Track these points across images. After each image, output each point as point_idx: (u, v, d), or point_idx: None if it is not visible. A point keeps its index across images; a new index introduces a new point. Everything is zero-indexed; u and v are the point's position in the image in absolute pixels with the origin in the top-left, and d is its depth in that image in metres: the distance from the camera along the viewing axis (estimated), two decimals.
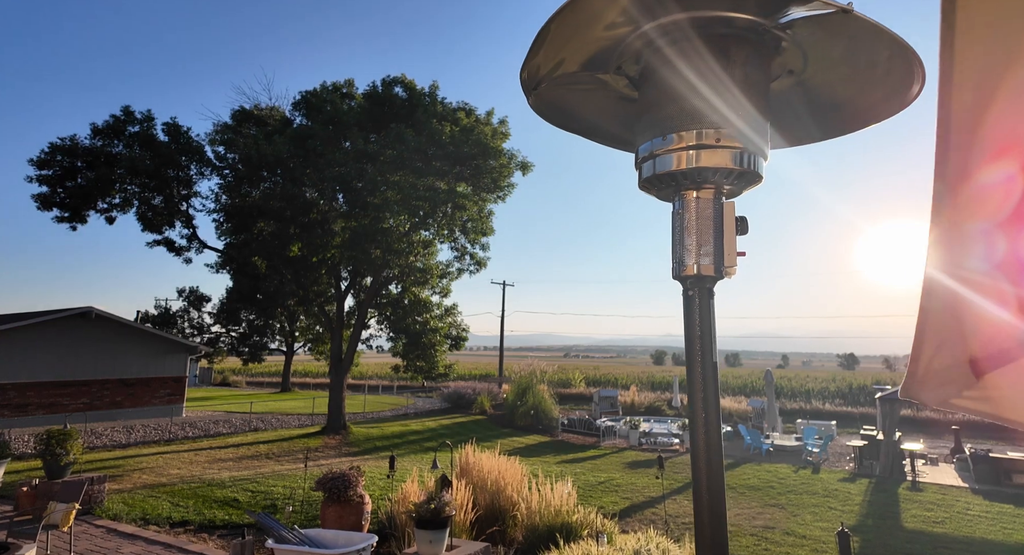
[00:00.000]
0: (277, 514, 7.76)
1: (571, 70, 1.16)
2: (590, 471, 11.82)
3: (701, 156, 1.02)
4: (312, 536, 5.52)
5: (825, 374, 44.85)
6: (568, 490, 6.99)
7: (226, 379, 38.65)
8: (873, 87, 1.03)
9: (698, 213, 1.06)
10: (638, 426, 16.19)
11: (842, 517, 8.39)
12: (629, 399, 24.70)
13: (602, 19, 0.99)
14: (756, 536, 7.66)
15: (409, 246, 16.14)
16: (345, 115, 16.02)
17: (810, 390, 28.55)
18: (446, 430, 18.01)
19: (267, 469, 11.40)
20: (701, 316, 0.98)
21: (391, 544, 6.37)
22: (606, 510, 8.11)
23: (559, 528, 6.39)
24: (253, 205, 15.12)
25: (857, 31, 0.88)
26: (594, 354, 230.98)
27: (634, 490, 10.16)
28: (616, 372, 41.95)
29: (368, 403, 25.31)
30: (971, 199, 0.71)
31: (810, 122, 1.22)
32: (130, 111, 15.66)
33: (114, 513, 7.85)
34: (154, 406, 18.83)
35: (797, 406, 23.95)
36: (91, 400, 17.42)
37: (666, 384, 31.02)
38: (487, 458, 7.68)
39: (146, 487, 9.59)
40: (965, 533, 8.04)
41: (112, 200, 15.70)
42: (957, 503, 9.65)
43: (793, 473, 11.88)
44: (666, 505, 8.96)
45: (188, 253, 17.23)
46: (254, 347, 28.32)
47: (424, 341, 17.10)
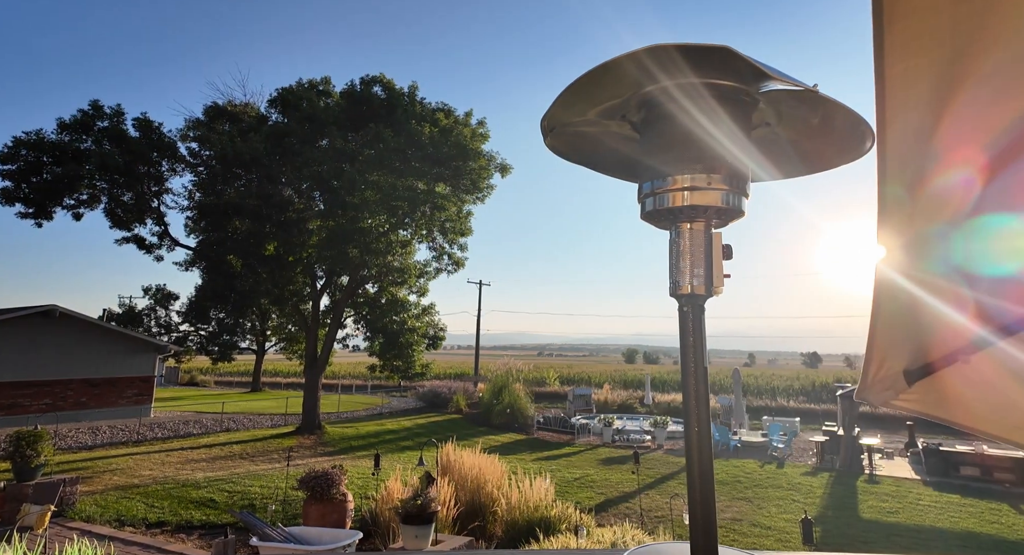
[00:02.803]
0: (258, 513, 7.77)
1: (584, 119, 1.36)
2: (566, 468, 12.10)
3: (695, 196, 1.23)
4: (296, 533, 5.60)
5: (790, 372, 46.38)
6: (546, 486, 7.22)
7: (194, 379, 37.72)
8: (832, 142, 1.26)
9: (691, 241, 1.27)
10: (612, 423, 16.56)
11: (805, 509, 8.85)
12: (602, 397, 25.15)
13: (616, 83, 1.20)
14: (725, 528, 8.03)
15: (387, 246, 16.14)
16: (323, 113, 15.92)
17: (776, 388, 29.51)
18: (422, 429, 18.07)
19: (242, 469, 11.31)
20: (694, 329, 1.19)
21: (375, 541, 6.48)
22: (583, 505, 8.38)
23: (538, 522, 6.60)
24: (228, 203, 14.90)
25: (820, 103, 1.10)
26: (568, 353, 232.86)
27: (609, 485, 10.47)
28: (589, 370, 42.52)
29: (342, 403, 25.13)
30: (927, 205, 0.86)
31: (781, 164, 1.45)
32: (99, 106, 15.23)
33: (87, 515, 7.74)
34: (121, 407, 18.35)
35: (763, 403, 24.78)
36: (54, 401, 16.88)
37: (638, 382, 31.64)
38: (468, 456, 7.85)
39: (118, 489, 9.44)
40: (916, 522, 8.58)
41: (79, 196, 15.24)
42: (910, 494, 10.26)
43: (759, 468, 12.39)
44: (640, 500, 9.28)
45: (159, 251, 16.89)
46: (224, 346, 27.73)
47: (401, 340, 17.12)
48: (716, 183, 1.23)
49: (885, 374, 1.00)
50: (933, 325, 0.98)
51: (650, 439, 15.89)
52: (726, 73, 1.17)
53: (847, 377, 32.54)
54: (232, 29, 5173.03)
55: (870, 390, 1.03)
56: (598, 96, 1.28)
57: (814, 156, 1.37)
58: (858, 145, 1.23)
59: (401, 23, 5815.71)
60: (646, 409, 23.30)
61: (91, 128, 15.06)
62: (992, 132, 0.79)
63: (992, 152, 0.81)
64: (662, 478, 11.32)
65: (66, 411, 16.93)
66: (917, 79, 0.67)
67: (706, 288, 1.24)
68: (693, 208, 1.24)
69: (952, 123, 0.77)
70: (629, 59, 1.14)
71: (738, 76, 1.17)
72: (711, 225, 1.29)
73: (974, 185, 0.88)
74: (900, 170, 0.80)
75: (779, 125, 1.32)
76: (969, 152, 0.84)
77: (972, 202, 0.90)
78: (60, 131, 14.83)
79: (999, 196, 0.87)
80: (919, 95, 0.69)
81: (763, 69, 1.04)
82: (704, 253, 1.26)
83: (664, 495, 9.70)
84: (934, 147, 0.82)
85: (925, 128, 0.77)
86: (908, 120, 0.75)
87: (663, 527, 7.64)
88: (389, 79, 16.64)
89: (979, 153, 0.83)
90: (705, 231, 1.28)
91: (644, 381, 27.02)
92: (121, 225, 16.18)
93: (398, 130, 15.22)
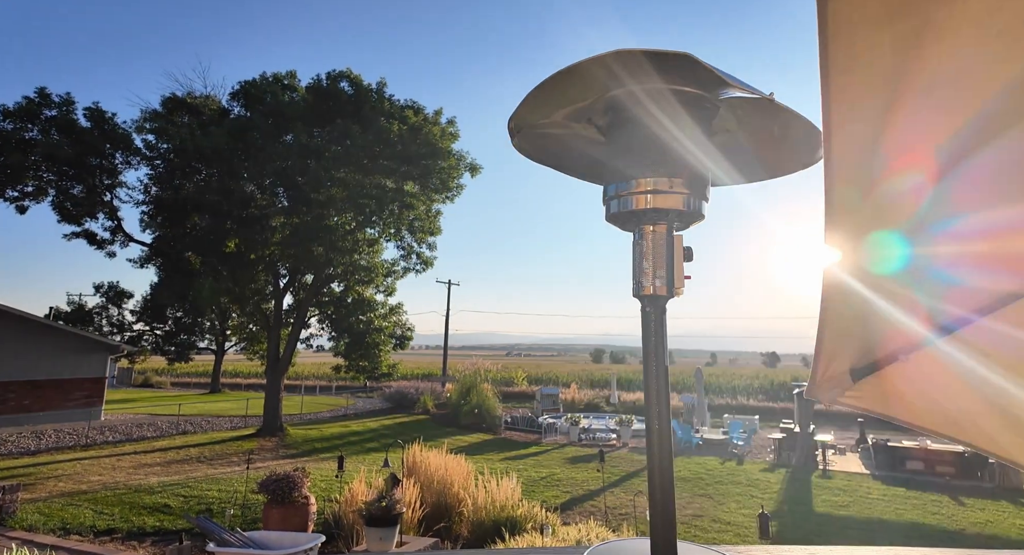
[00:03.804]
0: (216, 518, 7.52)
1: (550, 121, 1.38)
2: (533, 467, 12.16)
3: (657, 199, 1.26)
4: (256, 538, 5.46)
5: (750, 371, 47.79)
6: (512, 486, 7.23)
7: (148, 380, 36.24)
8: (787, 148, 1.31)
9: (654, 243, 1.30)
10: (578, 423, 16.73)
11: (763, 504, 9.14)
12: (570, 396, 25.38)
13: (582, 86, 1.21)
14: (686, 524, 8.22)
15: (354, 244, 15.88)
16: (287, 108, 15.54)
17: (736, 386, 30.37)
18: (388, 431, 17.85)
19: (199, 473, 10.94)
20: (656, 329, 1.22)
21: (338, 544, 6.37)
22: (549, 504, 8.43)
23: (504, 522, 6.61)
24: (187, 198, 14.38)
25: (776, 111, 1.15)
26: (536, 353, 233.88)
27: (575, 484, 10.57)
28: (557, 370, 42.84)
29: (306, 404, 24.57)
30: (873, 209, 0.90)
31: (740, 168, 1.49)
32: (46, 93, 14.46)
33: (29, 524, 7.35)
34: (68, 409, 17.47)
35: (724, 402, 25.47)
36: None
37: (604, 381, 32.06)
38: (434, 457, 7.80)
39: (64, 495, 8.99)
40: (866, 515, 8.97)
41: (24, 188, 14.44)
42: (860, 488, 10.72)
43: (720, 465, 12.73)
44: (605, 497, 9.41)
45: (112, 247, 16.15)
46: (181, 346, 26.87)
47: (368, 340, 16.88)
48: (678, 187, 1.26)
49: (832, 373, 1.05)
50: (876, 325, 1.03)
51: (615, 438, 16.12)
52: (688, 80, 1.20)
53: (804, 376, 33.71)
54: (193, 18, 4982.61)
55: (819, 388, 1.08)
56: (564, 98, 1.29)
57: (771, 162, 1.42)
58: (811, 152, 1.28)
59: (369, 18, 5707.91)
60: (612, 408, 23.63)
61: (38, 116, 14.28)
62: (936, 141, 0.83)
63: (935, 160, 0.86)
64: (627, 476, 11.50)
65: (7, 415, 16.02)
66: (861, 92, 0.70)
67: (668, 289, 1.27)
68: (656, 211, 1.27)
69: (898, 131, 0.81)
70: (595, 63, 1.16)
71: (699, 83, 1.21)
72: (673, 228, 1.32)
73: (919, 191, 0.92)
74: (847, 175, 0.83)
75: (738, 131, 1.37)
76: (914, 160, 0.88)
77: (916, 207, 0.95)
78: (3, 118, 14.02)
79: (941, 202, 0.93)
80: (863, 107, 0.73)
81: (722, 77, 1.07)
82: (666, 255, 1.29)
83: (629, 493, 9.86)
84: (880, 154, 0.85)
85: (871, 137, 0.81)
86: (854, 130, 0.78)
87: (627, 524, 7.76)
88: (357, 74, 16.37)
89: (923, 161, 0.88)
90: (667, 234, 1.31)
91: (610, 380, 27.40)
92: (70, 219, 15.41)
93: (366, 127, 14.99)
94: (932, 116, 0.80)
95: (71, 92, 14.73)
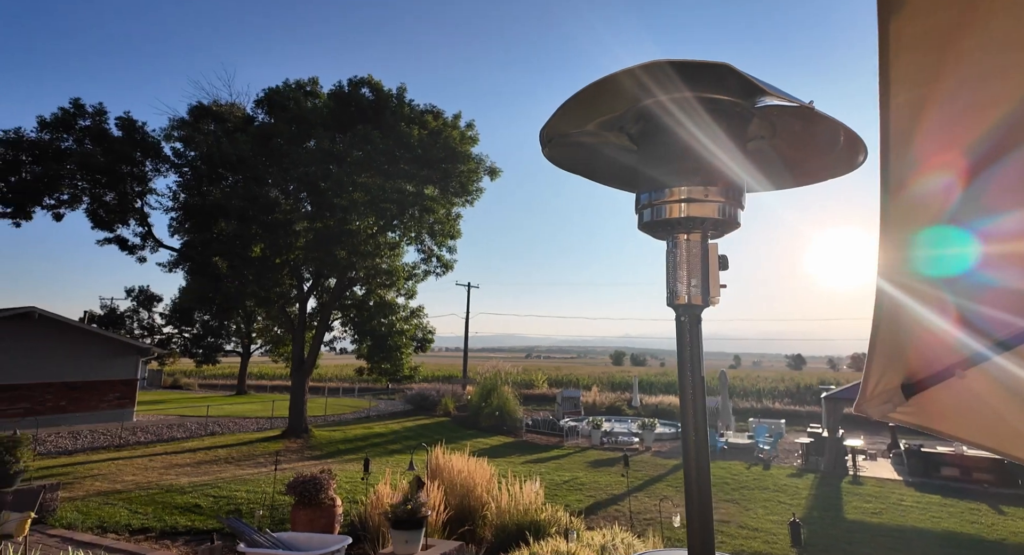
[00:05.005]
0: (244, 518, 7.67)
1: (582, 130, 1.38)
2: (555, 470, 12.11)
3: (692, 208, 1.25)
4: (285, 539, 5.54)
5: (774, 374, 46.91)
6: (536, 489, 7.22)
7: (177, 382, 37.15)
8: (825, 155, 1.29)
9: (688, 252, 1.29)
10: (600, 426, 16.62)
11: (791, 510, 8.96)
12: (591, 399, 25.24)
13: (615, 97, 1.21)
14: None
15: (375, 248, 16.05)
16: (310, 114, 15.80)
17: (761, 389, 29.84)
18: (411, 432, 17.98)
19: (228, 474, 11.16)
20: (691, 338, 1.21)
21: (364, 546, 6.43)
22: (572, 508, 8.39)
23: (528, 526, 6.60)
24: (214, 204, 14.71)
25: (815, 119, 1.13)
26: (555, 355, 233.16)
27: (598, 488, 10.50)
28: (578, 372, 42.64)
29: (329, 406, 24.92)
30: (911, 208, 0.87)
31: (776, 176, 1.47)
32: (80, 104, 14.96)
33: (68, 522, 7.59)
34: (102, 411, 18.00)
35: (749, 405, 25.03)
36: (32, 405, 16.52)
37: (626, 384, 31.79)
38: (457, 459, 7.82)
39: (100, 494, 9.26)
40: (899, 523, 8.72)
41: (60, 196, 14.95)
42: (892, 495, 10.43)
43: (746, 470, 12.52)
44: (629, 502, 9.33)
45: (142, 252, 16.61)
46: (208, 348, 27.48)
47: (389, 343, 17.02)
48: (713, 195, 1.25)
49: (883, 388, 1.03)
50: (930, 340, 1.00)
51: (638, 441, 15.97)
52: (722, 88, 1.19)
53: (831, 379, 33.00)
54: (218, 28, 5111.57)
55: (868, 404, 1.05)
56: (597, 109, 1.29)
57: (808, 169, 1.40)
58: (851, 159, 1.26)
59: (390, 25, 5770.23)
60: (634, 411, 23.42)
61: (72, 127, 14.78)
62: (999, 155, 0.80)
63: (997, 171, 0.84)
64: (651, 480, 11.38)
65: (45, 415, 16.58)
66: (921, 104, 0.69)
67: (703, 298, 1.26)
68: (690, 220, 1.26)
69: (936, 130, 0.78)
70: (628, 74, 1.16)
71: (734, 91, 1.20)
72: (707, 236, 1.31)
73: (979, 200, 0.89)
74: (904, 186, 0.81)
75: (774, 138, 1.35)
76: (974, 174, 0.86)
77: (976, 217, 0.92)
78: (40, 129, 14.54)
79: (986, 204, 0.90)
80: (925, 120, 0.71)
81: (760, 85, 1.06)
82: (700, 264, 1.28)
83: (653, 497, 9.76)
84: (939, 167, 0.83)
85: (915, 138, 0.78)
86: (908, 134, 0.76)
87: (652, 529, 7.68)
88: (377, 80, 16.57)
89: (983, 174, 0.85)
90: (701, 242, 1.29)
91: (632, 383, 27.16)
92: (103, 226, 15.90)
93: (386, 132, 15.15)
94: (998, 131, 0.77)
95: (103, 102, 15.21)
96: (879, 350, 0.95)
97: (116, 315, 25.37)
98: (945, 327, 0.95)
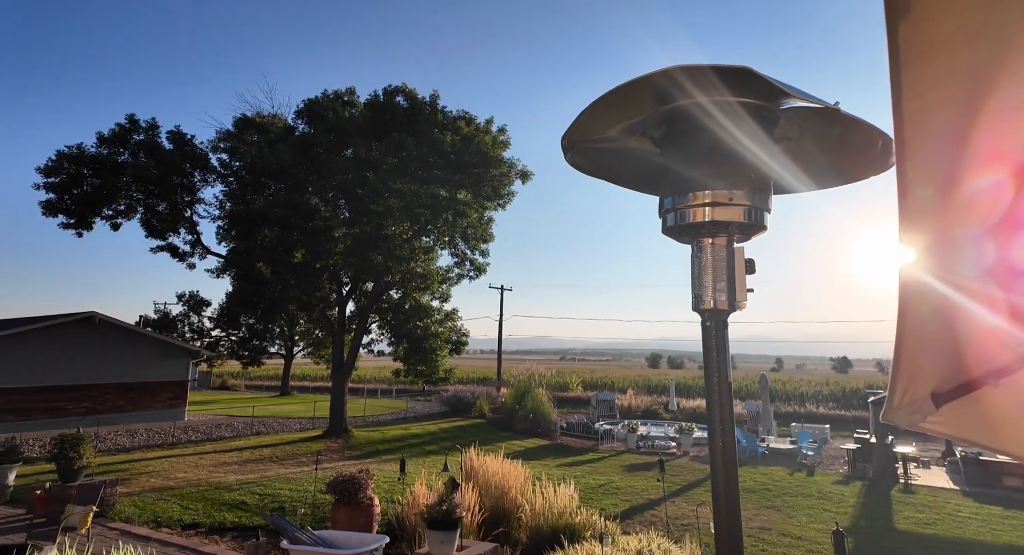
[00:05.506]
0: (287, 516, 7.93)
1: (603, 136, 1.39)
2: (590, 474, 12.02)
3: (716, 212, 1.24)
4: (325, 537, 5.70)
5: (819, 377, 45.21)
6: (570, 492, 7.19)
7: (225, 383, 38.69)
8: (856, 156, 1.26)
9: (713, 256, 1.28)
10: (636, 429, 16.40)
11: (836, 519, 8.62)
12: (626, 402, 24.92)
13: (637, 102, 1.22)
14: (753, 537, 7.88)
15: (410, 252, 16.35)
16: (347, 123, 16.24)
17: (804, 393, 28.83)
18: (446, 434, 18.18)
19: (272, 472, 11.55)
20: (717, 343, 1.21)
21: (401, 545, 6.55)
22: (607, 512, 8.31)
23: (563, 529, 6.58)
24: (257, 212, 15.30)
25: (842, 120, 1.12)
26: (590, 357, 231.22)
27: (634, 492, 10.37)
28: (612, 375, 42.18)
29: (368, 407, 25.45)
30: (962, 205, 0.85)
31: (805, 177, 1.45)
32: (135, 119, 15.82)
33: (127, 516, 8.01)
34: (156, 410, 18.93)
35: (791, 409, 24.21)
36: (93, 404, 17.51)
37: (662, 387, 31.25)
38: (491, 461, 7.87)
39: (154, 490, 9.73)
40: (955, 534, 8.28)
41: (117, 207, 15.84)
42: (948, 505, 9.91)
43: (788, 476, 12.12)
44: (666, 507, 9.17)
45: (192, 258, 17.40)
46: (254, 351, 28.47)
47: (425, 346, 17.28)
48: (738, 199, 1.24)
49: (912, 398, 1.00)
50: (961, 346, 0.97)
51: (675, 446, 15.68)
52: (746, 92, 1.19)
53: (879, 382, 31.58)
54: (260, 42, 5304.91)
55: (896, 413, 1.03)
56: (619, 115, 1.31)
57: (839, 169, 1.37)
58: (884, 159, 1.23)
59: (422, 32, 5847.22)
60: (671, 415, 23.00)
61: (128, 141, 15.65)
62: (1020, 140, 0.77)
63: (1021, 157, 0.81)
64: (688, 485, 11.16)
65: (104, 414, 17.54)
66: (934, 112, 0.68)
67: (729, 303, 1.25)
68: (715, 224, 1.26)
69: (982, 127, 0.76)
70: (649, 79, 1.17)
71: (758, 95, 1.19)
72: (733, 240, 1.30)
73: (1005, 189, 0.86)
74: (922, 177, 0.79)
75: (802, 140, 1.33)
76: (998, 160, 0.83)
77: (1003, 205, 0.88)
78: (99, 144, 15.45)
79: None
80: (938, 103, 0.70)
81: (783, 88, 1.06)
82: (726, 268, 1.27)
83: (691, 502, 9.57)
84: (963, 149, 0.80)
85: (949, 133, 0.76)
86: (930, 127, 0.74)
87: (689, 535, 7.53)
88: (411, 89, 16.90)
89: (1009, 160, 0.82)
90: (727, 246, 1.29)
91: (668, 386, 26.67)
92: (156, 234, 16.75)
93: (420, 138, 15.43)
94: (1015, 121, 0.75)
95: (156, 117, 16.04)
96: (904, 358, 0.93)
97: (168, 319, 26.63)
98: (975, 335, 0.92)
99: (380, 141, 15.98)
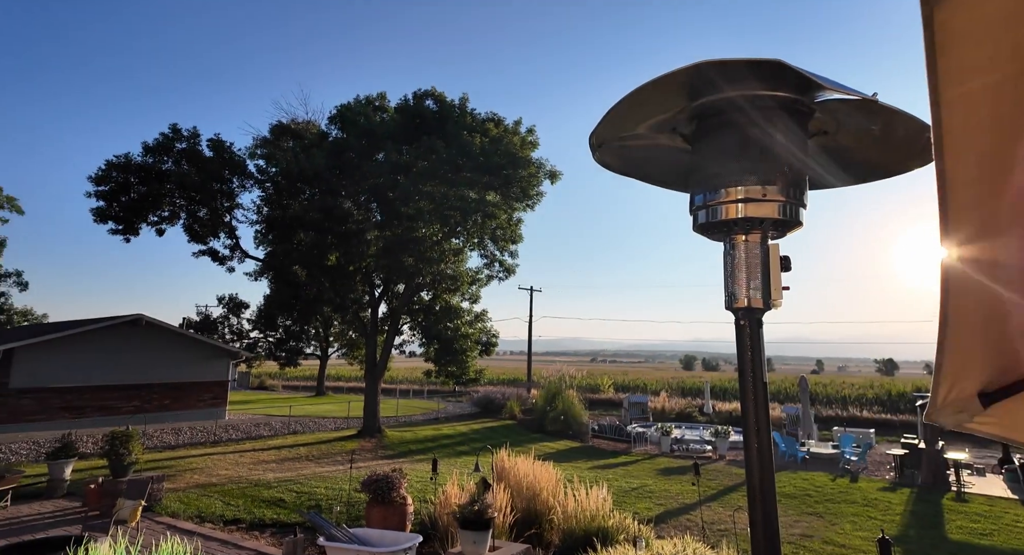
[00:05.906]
0: (323, 513, 8.10)
1: (633, 133, 1.38)
2: (622, 477, 11.88)
3: (749, 208, 1.21)
4: (360, 535, 5.80)
5: (862, 380, 43.53)
6: (603, 495, 7.11)
7: (263, 383, 39.84)
8: (895, 149, 1.21)
9: (747, 254, 1.25)
10: (670, 432, 16.13)
11: (883, 527, 8.28)
12: (659, 405, 24.52)
13: (666, 98, 1.21)
14: (794, 544, 7.64)
15: (440, 254, 16.51)
16: (378, 128, 16.52)
17: (846, 396, 27.82)
18: (477, 435, 18.26)
19: (308, 471, 11.83)
20: (752, 343, 1.18)
21: (434, 544, 6.61)
22: (641, 516, 8.19)
23: (595, 532, 6.52)
24: (293, 216, 15.72)
25: (880, 112, 1.07)
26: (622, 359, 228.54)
27: (668, 496, 10.19)
28: (645, 377, 41.59)
29: (400, 407, 25.80)
30: (1008, 197, 0.80)
31: (843, 171, 1.40)
32: (177, 128, 16.48)
33: (172, 511, 8.32)
34: (199, 409, 19.64)
35: (833, 413, 23.40)
36: (141, 403, 18.30)
37: (697, 390, 30.65)
38: (522, 462, 7.86)
39: (198, 486, 10.09)
40: (1014, 546, 7.84)
41: (162, 213, 16.53)
42: (1006, 515, 9.39)
43: (830, 481, 11.71)
44: (701, 512, 8.98)
45: (231, 262, 17.98)
46: (291, 352, 29.17)
47: (455, 346, 17.41)
48: (772, 194, 1.21)
49: (957, 396, 0.95)
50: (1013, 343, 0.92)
51: (711, 449, 15.35)
52: (778, 85, 1.16)
53: (927, 385, 30.17)
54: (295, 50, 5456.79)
55: (940, 413, 0.98)
56: (647, 111, 1.29)
57: (877, 163, 1.32)
58: (925, 150, 1.18)
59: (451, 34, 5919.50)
60: (706, 418, 22.52)
61: (171, 150, 16.31)
62: None
63: None
64: (724, 490, 10.91)
65: (151, 413, 18.30)
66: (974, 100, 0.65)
67: (764, 301, 1.22)
68: (748, 220, 1.23)
69: None
70: (680, 74, 1.15)
71: (791, 88, 1.16)
72: (767, 237, 1.27)
73: None
74: (967, 163, 0.75)
75: (838, 133, 1.29)
76: None
77: None
78: (145, 153, 16.16)
79: None
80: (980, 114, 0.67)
81: (816, 80, 1.03)
82: (760, 265, 1.24)
83: (727, 507, 9.35)
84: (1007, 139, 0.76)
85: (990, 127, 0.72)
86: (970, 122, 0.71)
87: (726, 541, 7.36)
88: (440, 92, 17.07)
89: None
90: (761, 243, 1.25)
91: (703, 389, 26.13)
92: (197, 239, 17.40)
93: (449, 141, 15.57)
94: None
95: (197, 125, 16.68)
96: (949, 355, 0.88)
97: (209, 321, 27.54)
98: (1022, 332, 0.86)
99: (411, 145, 16.20)
